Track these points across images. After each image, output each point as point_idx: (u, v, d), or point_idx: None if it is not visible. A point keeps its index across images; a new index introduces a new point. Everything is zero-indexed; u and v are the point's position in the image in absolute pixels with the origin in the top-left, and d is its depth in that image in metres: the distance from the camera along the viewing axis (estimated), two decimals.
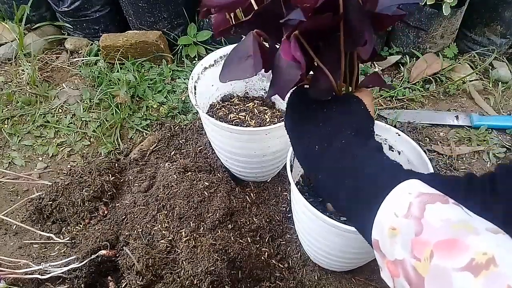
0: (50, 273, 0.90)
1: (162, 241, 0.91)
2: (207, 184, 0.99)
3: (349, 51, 0.48)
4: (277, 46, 0.46)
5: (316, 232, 0.75)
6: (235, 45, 0.48)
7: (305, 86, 0.53)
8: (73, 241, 1.00)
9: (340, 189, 0.45)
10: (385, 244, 0.39)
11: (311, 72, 0.51)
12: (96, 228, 0.99)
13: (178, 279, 0.86)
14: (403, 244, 0.37)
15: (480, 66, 1.42)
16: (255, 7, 0.49)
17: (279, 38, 0.45)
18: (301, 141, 0.51)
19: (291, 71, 0.44)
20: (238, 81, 1.07)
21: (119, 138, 1.23)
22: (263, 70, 0.47)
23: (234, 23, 0.55)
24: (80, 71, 1.43)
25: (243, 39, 0.48)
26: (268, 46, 0.47)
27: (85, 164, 1.16)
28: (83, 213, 1.02)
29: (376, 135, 0.80)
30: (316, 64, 0.48)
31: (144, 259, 0.86)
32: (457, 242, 0.33)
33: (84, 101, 1.33)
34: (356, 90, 0.54)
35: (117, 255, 0.92)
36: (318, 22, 0.43)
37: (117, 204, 1.05)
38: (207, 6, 0.52)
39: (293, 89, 0.54)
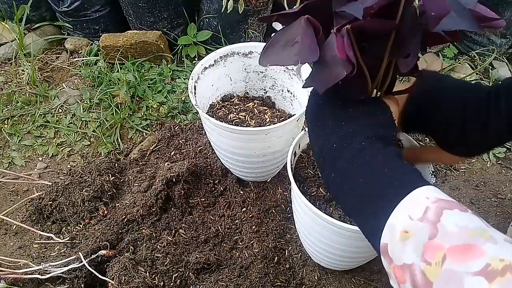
0: (50, 273, 0.90)
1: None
2: None
3: (392, 58, 0.46)
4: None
5: (318, 232, 0.75)
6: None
7: None
8: (73, 241, 1.00)
9: (352, 190, 0.44)
10: (394, 248, 0.38)
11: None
12: (96, 228, 0.99)
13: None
14: (414, 247, 0.36)
15: (480, 66, 1.42)
16: None
17: (324, 33, 0.42)
18: (320, 135, 0.49)
19: (338, 69, 0.41)
20: (238, 81, 1.07)
21: (119, 138, 1.23)
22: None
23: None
24: (80, 71, 1.43)
25: (293, 22, 0.44)
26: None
27: (85, 164, 1.16)
28: (83, 213, 1.02)
29: None
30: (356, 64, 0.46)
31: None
32: (473, 247, 0.32)
33: (84, 101, 1.33)
34: (385, 96, 0.52)
35: (117, 255, 0.92)
36: (374, 25, 0.40)
37: (117, 204, 1.05)
38: None
39: None
